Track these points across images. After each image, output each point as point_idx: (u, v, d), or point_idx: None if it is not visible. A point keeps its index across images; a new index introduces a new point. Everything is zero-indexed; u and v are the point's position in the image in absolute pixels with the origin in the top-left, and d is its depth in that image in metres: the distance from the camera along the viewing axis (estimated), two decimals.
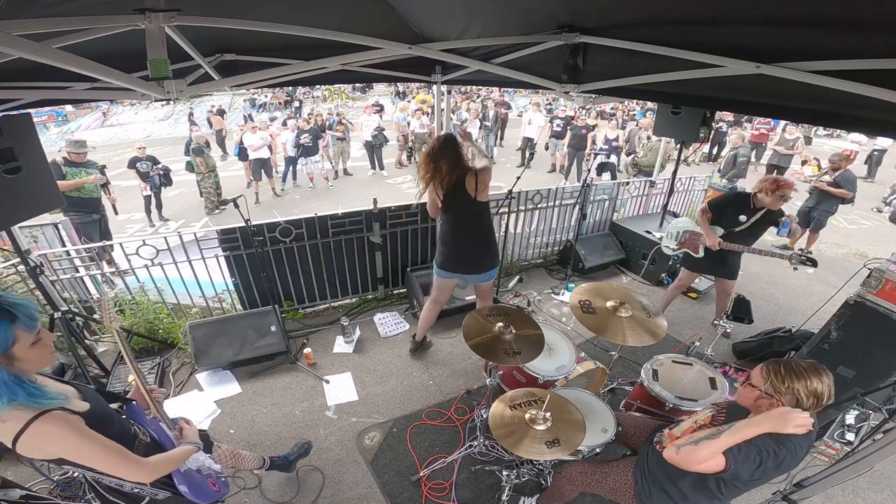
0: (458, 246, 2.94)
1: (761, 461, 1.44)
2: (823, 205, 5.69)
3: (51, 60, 1.34)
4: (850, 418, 2.75)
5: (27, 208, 2.20)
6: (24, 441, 1.13)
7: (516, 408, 2.03)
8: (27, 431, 1.12)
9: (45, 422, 1.14)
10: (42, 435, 1.14)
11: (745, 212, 3.37)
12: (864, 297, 2.73)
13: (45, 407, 1.15)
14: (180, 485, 1.51)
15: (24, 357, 1.14)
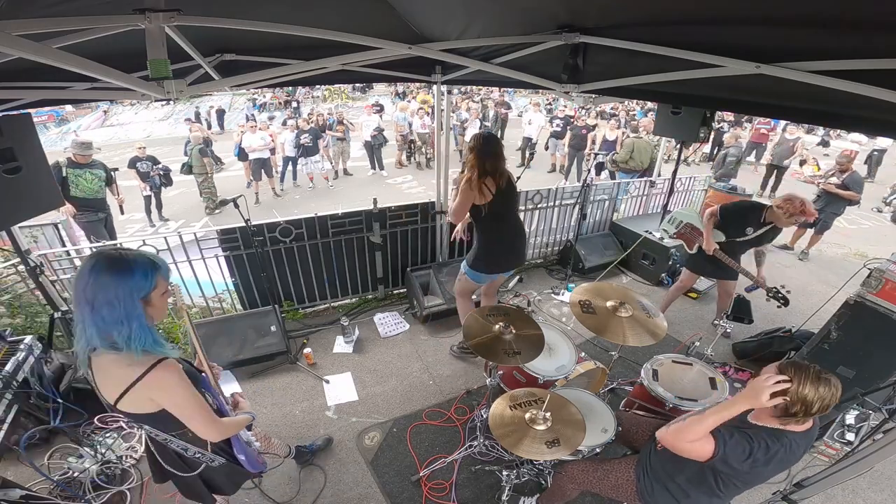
0: (512, 245, 2.99)
1: (751, 451, 1.45)
2: (831, 207, 5.66)
3: (51, 60, 1.34)
4: (850, 418, 2.75)
5: (27, 208, 2.20)
6: (139, 388, 1.25)
7: (516, 408, 2.04)
8: (148, 375, 1.24)
9: (164, 368, 1.26)
10: (159, 381, 1.27)
11: (754, 224, 3.35)
12: (864, 297, 2.73)
13: (166, 355, 1.28)
14: (239, 453, 1.67)
15: (156, 304, 1.28)
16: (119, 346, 1.21)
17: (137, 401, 1.29)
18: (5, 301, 3.36)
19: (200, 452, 1.55)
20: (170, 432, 1.45)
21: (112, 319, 1.19)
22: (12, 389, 2.41)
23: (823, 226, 5.78)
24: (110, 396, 1.29)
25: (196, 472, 1.60)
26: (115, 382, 1.27)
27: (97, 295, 1.18)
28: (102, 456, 2.46)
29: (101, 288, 1.18)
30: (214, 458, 1.59)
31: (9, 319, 3.33)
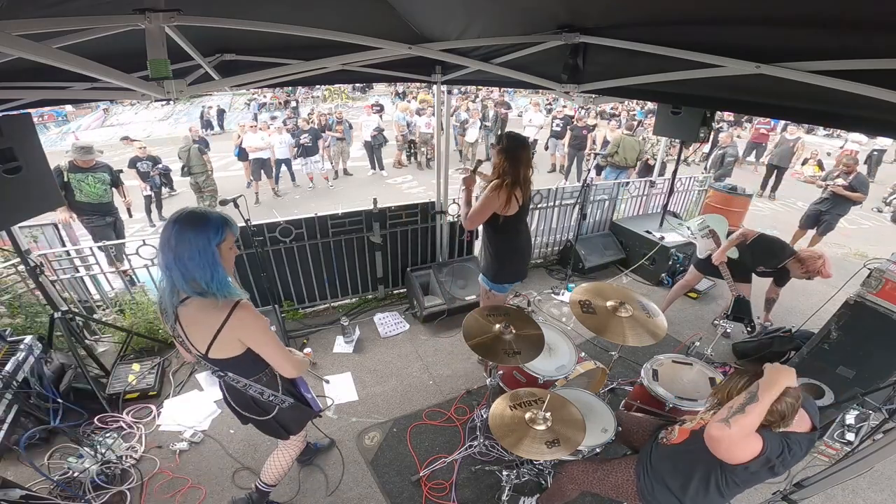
0: (528, 252, 2.95)
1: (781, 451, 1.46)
2: (837, 208, 5.64)
3: (51, 60, 1.34)
4: (850, 418, 2.75)
5: (27, 208, 2.20)
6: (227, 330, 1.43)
7: (516, 408, 2.04)
8: (232, 316, 1.42)
9: (243, 308, 1.45)
10: (242, 320, 1.45)
11: (769, 266, 3.38)
12: (864, 297, 2.73)
13: (240, 297, 1.46)
14: (306, 392, 1.92)
15: (225, 255, 1.44)
16: (202, 289, 1.38)
17: (226, 344, 1.47)
18: (5, 301, 3.36)
19: (273, 395, 1.73)
20: (250, 377, 1.65)
21: (194, 265, 1.35)
22: (12, 389, 2.41)
23: (828, 227, 5.77)
24: (202, 345, 1.47)
25: (272, 416, 1.80)
26: (205, 329, 1.44)
27: (180, 244, 1.35)
28: (102, 456, 2.47)
29: (183, 237, 1.35)
30: (286, 400, 1.77)
31: (9, 319, 3.33)
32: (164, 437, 2.82)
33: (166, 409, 3.01)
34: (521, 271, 2.90)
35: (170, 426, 2.88)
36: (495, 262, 2.79)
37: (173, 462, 2.65)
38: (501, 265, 2.79)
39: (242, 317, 1.44)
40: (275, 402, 1.76)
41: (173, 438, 2.78)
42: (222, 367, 1.58)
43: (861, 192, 5.45)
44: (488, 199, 2.53)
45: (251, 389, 1.68)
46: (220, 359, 1.52)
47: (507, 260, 2.79)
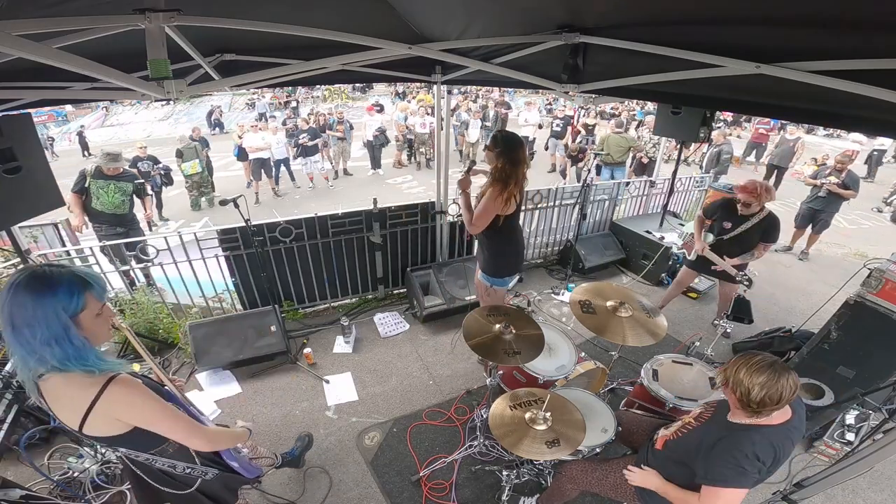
0: (521, 249, 2.99)
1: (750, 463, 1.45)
2: (832, 207, 5.68)
3: (51, 60, 1.34)
4: (850, 418, 2.75)
5: (27, 208, 2.20)
6: (99, 409, 1.15)
7: (516, 407, 2.04)
8: (104, 395, 1.15)
9: (119, 383, 1.17)
10: (118, 398, 1.17)
11: (730, 219, 3.41)
12: (864, 297, 2.73)
13: (116, 371, 1.20)
14: (231, 461, 1.62)
15: (88, 327, 1.17)
16: (58, 367, 1.12)
17: (103, 423, 1.19)
18: None
19: (190, 467, 1.45)
20: (150, 451, 1.35)
21: (39, 342, 1.08)
22: (12, 389, 2.41)
23: (824, 225, 5.78)
24: (72, 423, 1.18)
25: (194, 488, 1.50)
26: (71, 407, 1.16)
27: (17, 315, 1.07)
28: (102, 456, 2.46)
29: (19, 307, 1.07)
30: (207, 471, 1.51)
31: None
32: None
33: None
34: (518, 265, 2.97)
35: None
36: (494, 259, 2.84)
37: None
38: (500, 261, 2.86)
39: (119, 393, 1.17)
40: (194, 475, 1.48)
41: None
42: (108, 443, 1.29)
43: (853, 190, 5.49)
44: (492, 203, 2.53)
45: (156, 464, 1.38)
46: (103, 437, 1.23)
47: (505, 256, 2.86)
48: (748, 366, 1.41)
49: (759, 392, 1.37)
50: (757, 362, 1.41)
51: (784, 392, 1.36)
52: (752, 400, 1.39)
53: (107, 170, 4.19)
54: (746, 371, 1.40)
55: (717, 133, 8.62)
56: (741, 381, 1.40)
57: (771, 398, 1.37)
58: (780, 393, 1.36)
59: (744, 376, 1.40)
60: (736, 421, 1.53)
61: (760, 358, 1.42)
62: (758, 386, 1.37)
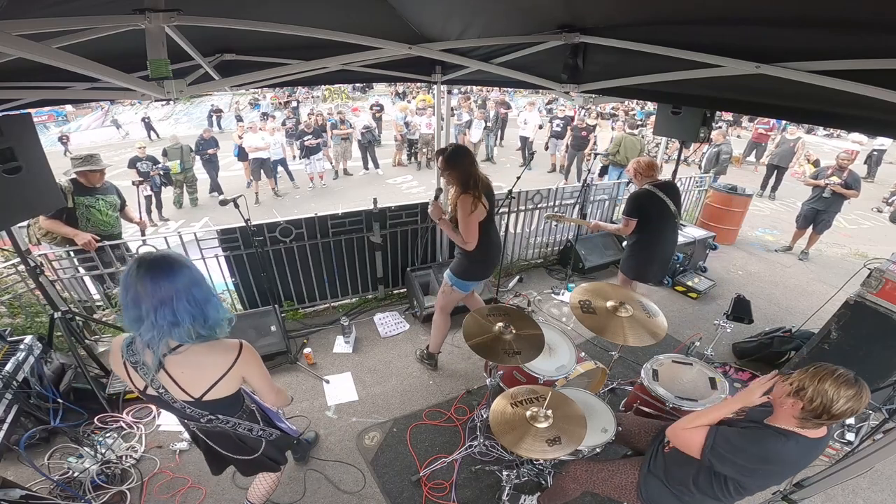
0: (499, 248, 3.01)
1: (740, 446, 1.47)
2: (834, 207, 5.68)
3: (51, 60, 1.34)
4: (850, 418, 2.75)
5: (27, 208, 2.20)
6: (237, 368, 1.42)
7: (517, 405, 2.03)
8: (242, 355, 1.43)
9: (248, 349, 1.47)
10: (250, 358, 1.46)
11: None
12: (864, 297, 2.73)
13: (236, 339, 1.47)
14: (280, 423, 1.90)
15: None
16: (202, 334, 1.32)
17: (230, 383, 1.44)
18: (5, 301, 3.37)
19: (262, 429, 1.70)
20: (235, 415, 1.60)
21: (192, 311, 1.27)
22: (12, 389, 2.41)
23: (825, 225, 5.78)
24: (198, 389, 1.40)
25: (260, 452, 1.75)
26: (209, 372, 1.39)
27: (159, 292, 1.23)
28: (102, 456, 2.47)
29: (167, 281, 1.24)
30: (272, 433, 1.76)
31: (9, 319, 3.33)
32: (164, 436, 2.82)
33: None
34: (486, 273, 3.00)
35: (170, 426, 2.87)
36: (464, 262, 2.86)
37: (173, 462, 2.65)
38: (469, 266, 2.87)
39: (251, 354, 1.47)
40: (263, 437, 1.73)
41: (173, 438, 2.78)
42: (213, 409, 1.51)
43: (855, 189, 5.49)
44: (463, 209, 2.57)
45: (240, 428, 1.63)
46: (215, 400, 1.46)
47: (475, 263, 2.85)
48: (834, 377, 1.37)
49: (844, 405, 1.35)
50: (843, 375, 1.38)
51: (861, 408, 1.36)
52: (831, 411, 1.36)
53: (88, 179, 3.37)
54: (833, 382, 1.36)
55: (717, 133, 8.62)
56: (825, 392, 1.36)
57: (851, 411, 1.36)
58: (858, 408, 1.36)
59: (829, 387, 1.36)
60: (777, 425, 1.50)
61: (844, 371, 1.40)
62: (844, 398, 1.34)
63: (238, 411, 1.63)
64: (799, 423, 1.44)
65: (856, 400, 1.34)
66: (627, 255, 3.51)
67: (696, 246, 4.91)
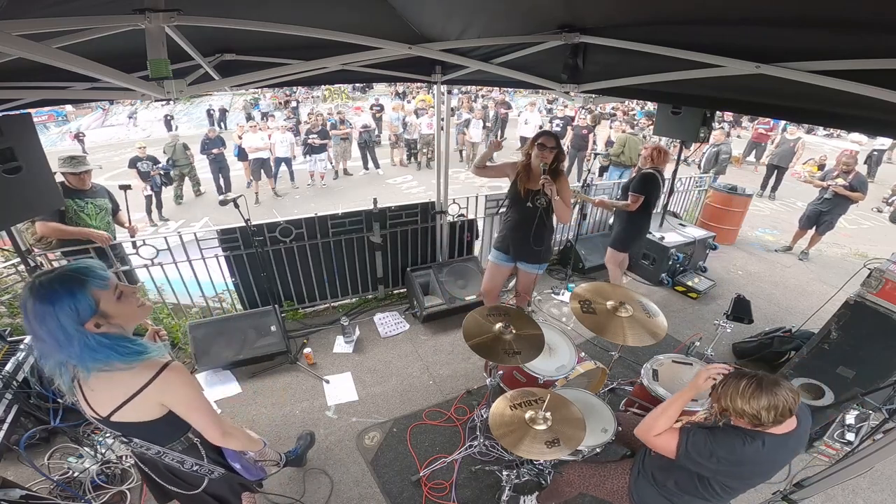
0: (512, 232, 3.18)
1: (712, 451, 1.47)
2: (838, 208, 5.66)
3: (51, 60, 1.34)
4: (850, 418, 2.75)
5: (27, 208, 2.20)
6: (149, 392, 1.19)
7: (516, 407, 2.03)
8: (159, 378, 1.20)
9: (174, 370, 1.23)
10: (171, 382, 1.22)
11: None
12: (864, 297, 2.73)
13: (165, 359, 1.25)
14: (234, 462, 1.62)
15: (114, 313, 1.17)
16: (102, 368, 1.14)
17: (142, 407, 1.23)
18: (5, 301, 3.37)
19: (198, 464, 1.47)
20: (164, 444, 1.38)
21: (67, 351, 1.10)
22: (12, 389, 2.41)
23: (827, 226, 5.77)
24: (105, 408, 1.21)
25: (201, 489, 1.53)
26: (116, 393, 1.19)
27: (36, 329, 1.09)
28: (102, 456, 2.46)
29: (37, 324, 1.08)
30: (213, 470, 1.53)
31: (9, 319, 3.33)
32: None
33: None
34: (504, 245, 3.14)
35: None
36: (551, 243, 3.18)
37: None
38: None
39: (173, 378, 1.22)
40: (201, 473, 1.49)
41: None
42: (127, 432, 1.31)
43: (861, 192, 5.46)
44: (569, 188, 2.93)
45: (166, 458, 1.40)
46: (128, 423, 1.25)
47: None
48: (740, 394, 1.38)
49: (769, 414, 1.36)
50: (746, 386, 1.38)
51: (788, 403, 1.36)
52: (765, 422, 1.38)
53: (75, 181, 3.18)
54: (742, 399, 1.38)
55: (717, 133, 8.63)
56: (744, 411, 1.38)
57: (782, 414, 1.37)
58: (787, 405, 1.36)
59: (743, 404, 1.38)
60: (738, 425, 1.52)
61: (747, 381, 1.40)
62: (764, 410, 1.36)
63: (169, 440, 1.39)
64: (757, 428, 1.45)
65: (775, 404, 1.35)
66: (621, 230, 3.92)
67: (696, 246, 4.91)
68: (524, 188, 2.88)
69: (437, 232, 4.32)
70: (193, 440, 1.46)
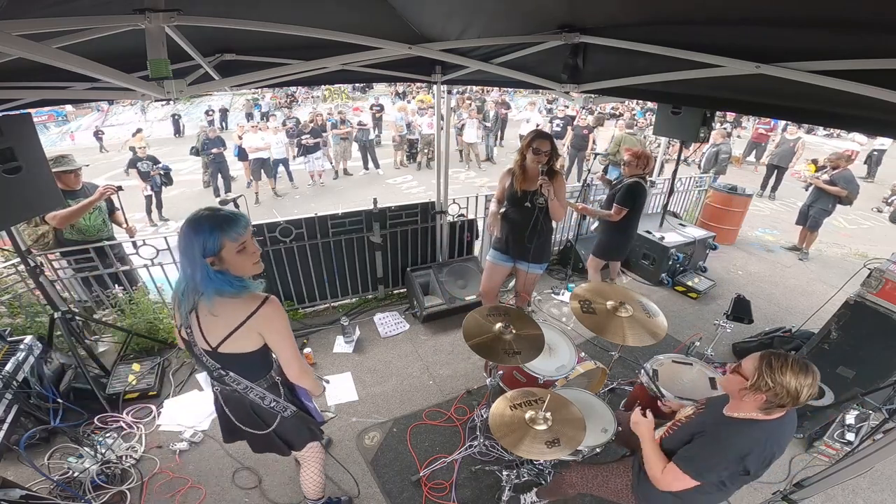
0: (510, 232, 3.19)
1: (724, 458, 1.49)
2: (819, 203, 5.69)
3: (51, 60, 1.34)
4: (850, 418, 2.75)
5: (27, 208, 2.21)
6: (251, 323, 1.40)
7: (516, 408, 2.03)
8: (261, 310, 1.41)
9: (272, 303, 1.44)
10: (270, 314, 1.43)
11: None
12: (864, 297, 2.73)
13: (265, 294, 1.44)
14: (307, 401, 1.85)
15: (230, 261, 1.38)
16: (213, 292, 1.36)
17: (243, 338, 1.43)
18: (5, 301, 3.36)
19: (276, 401, 1.65)
20: (253, 380, 1.58)
21: (190, 271, 1.35)
22: (12, 389, 2.41)
23: (814, 223, 5.80)
24: (215, 338, 1.43)
25: (272, 428, 1.70)
26: (225, 322, 1.41)
27: (181, 247, 1.35)
28: (102, 456, 2.46)
29: (182, 243, 1.35)
30: (287, 407, 1.69)
31: (9, 319, 3.33)
32: (164, 437, 2.82)
33: (166, 408, 3.01)
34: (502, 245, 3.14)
35: (170, 426, 2.88)
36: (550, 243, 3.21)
37: (173, 462, 2.65)
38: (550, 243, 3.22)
39: (270, 312, 1.43)
40: (276, 410, 1.67)
41: (173, 438, 2.78)
42: (227, 364, 1.51)
43: (840, 187, 5.47)
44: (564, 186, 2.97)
45: (251, 393, 1.60)
46: (230, 353, 1.47)
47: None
48: (791, 368, 1.39)
49: (808, 392, 1.38)
50: (796, 363, 1.40)
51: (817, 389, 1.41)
52: (798, 400, 1.39)
53: (65, 180, 3.12)
54: (792, 374, 1.38)
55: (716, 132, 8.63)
56: (788, 384, 1.38)
57: (811, 396, 1.40)
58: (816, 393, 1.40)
59: (791, 378, 1.38)
60: (736, 415, 1.53)
61: (794, 358, 1.42)
62: (807, 387, 1.38)
63: (257, 377, 1.59)
64: (763, 412, 1.47)
65: (814, 386, 1.39)
66: (604, 238, 3.84)
67: (696, 246, 4.91)
68: (521, 189, 2.88)
69: (437, 232, 4.32)
70: (275, 378, 1.66)
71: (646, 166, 3.53)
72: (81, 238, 3.33)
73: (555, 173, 2.82)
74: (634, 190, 3.50)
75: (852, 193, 5.56)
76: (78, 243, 3.31)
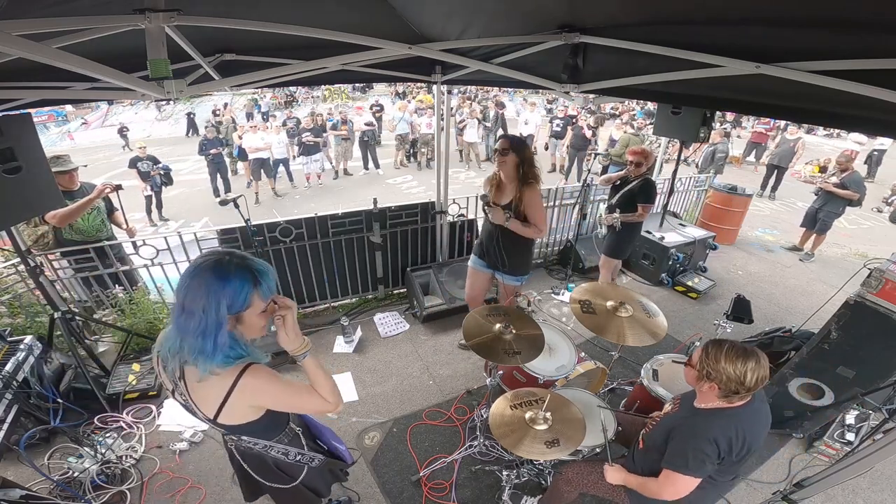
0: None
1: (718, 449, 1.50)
2: (829, 206, 5.66)
3: (51, 60, 1.34)
4: (850, 418, 2.75)
5: (27, 208, 2.21)
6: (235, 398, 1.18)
7: (516, 408, 2.04)
8: (239, 384, 1.17)
9: (251, 373, 1.19)
10: (248, 386, 1.19)
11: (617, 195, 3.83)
12: (865, 297, 2.72)
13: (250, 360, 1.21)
14: (338, 443, 1.74)
15: (249, 322, 1.19)
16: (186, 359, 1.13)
17: (237, 411, 1.24)
18: (5, 301, 3.36)
19: (300, 453, 1.51)
20: (271, 439, 1.43)
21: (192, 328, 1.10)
22: (12, 389, 2.41)
23: (823, 226, 5.78)
24: (209, 409, 1.22)
25: (299, 481, 1.55)
26: (214, 393, 1.19)
27: (188, 296, 1.10)
28: (102, 456, 2.47)
29: (195, 290, 1.09)
30: (314, 457, 1.56)
31: (9, 319, 3.33)
32: (164, 437, 2.82)
33: (166, 408, 3.01)
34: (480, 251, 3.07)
35: (170, 426, 2.88)
36: (528, 253, 2.98)
37: (173, 462, 2.65)
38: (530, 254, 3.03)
39: (249, 384, 1.19)
40: (303, 462, 1.53)
41: (173, 438, 2.78)
42: (234, 432, 1.37)
43: (852, 190, 5.46)
44: (537, 199, 2.71)
45: (272, 451, 1.45)
46: (232, 425, 1.30)
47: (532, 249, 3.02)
48: (726, 355, 1.44)
49: (752, 376, 1.41)
50: (732, 349, 1.45)
51: (766, 372, 1.43)
52: (747, 385, 1.42)
53: (62, 181, 3.04)
54: (728, 360, 1.43)
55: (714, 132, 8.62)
56: (727, 370, 1.43)
57: (760, 380, 1.42)
58: (765, 374, 1.43)
59: (728, 365, 1.43)
60: (704, 406, 1.57)
61: (730, 345, 1.47)
62: (750, 371, 1.41)
63: (273, 435, 1.44)
64: (723, 399, 1.50)
65: (760, 368, 1.42)
66: (618, 238, 3.86)
67: (696, 246, 4.91)
68: (493, 200, 2.77)
69: (437, 232, 4.32)
70: (295, 430, 1.54)
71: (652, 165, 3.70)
72: (80, 238, 3.33)
73: (527, 184, 2.68)
74: (652, 186, 3.69)
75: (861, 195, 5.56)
76: (77, 243, 3.31)
